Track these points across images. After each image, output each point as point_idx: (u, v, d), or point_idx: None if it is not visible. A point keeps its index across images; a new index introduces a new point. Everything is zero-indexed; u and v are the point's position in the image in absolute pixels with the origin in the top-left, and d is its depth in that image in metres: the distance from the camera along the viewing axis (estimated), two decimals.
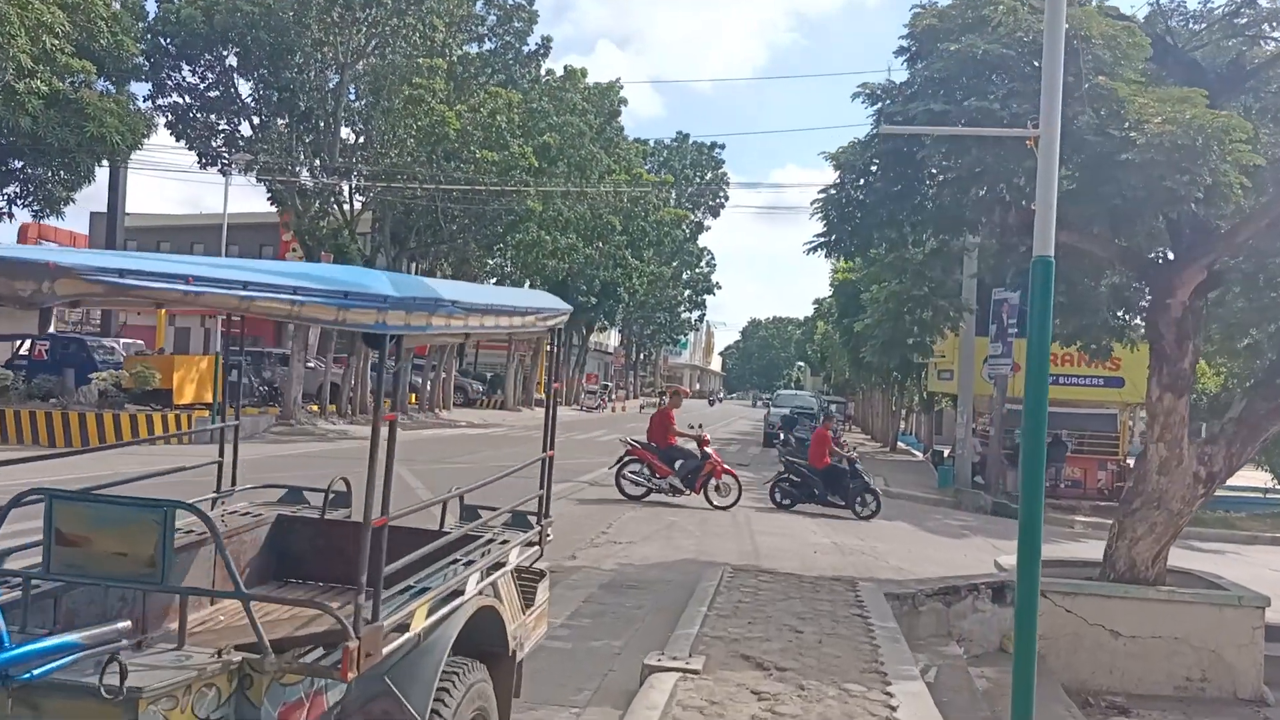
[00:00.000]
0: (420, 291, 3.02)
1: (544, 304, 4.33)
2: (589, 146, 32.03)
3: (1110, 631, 10.93)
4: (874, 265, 14.45)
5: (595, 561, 10.37)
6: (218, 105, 27.27)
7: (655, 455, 15.51)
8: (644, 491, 15.41)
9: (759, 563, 11.42)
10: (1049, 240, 5.21)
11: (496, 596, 4.11)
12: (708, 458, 15.54)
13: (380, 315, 2.76)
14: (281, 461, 19.23)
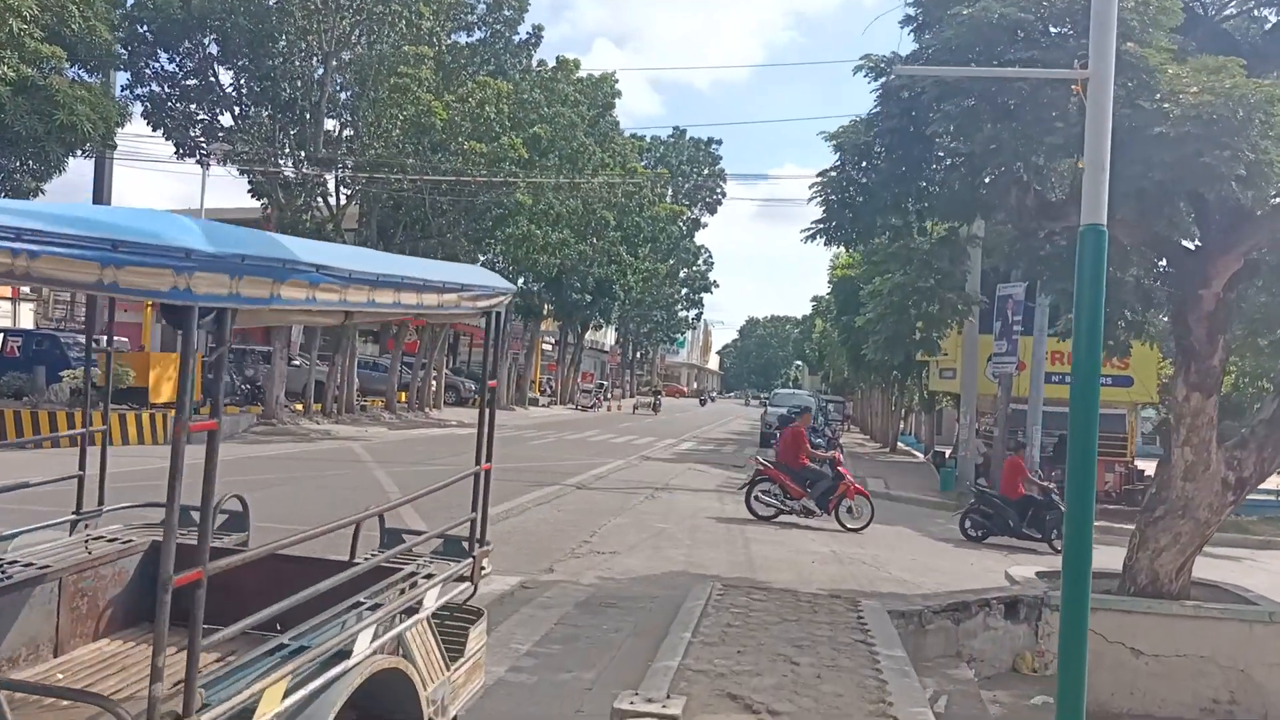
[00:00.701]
0: (259, 249, 2.20)
1: (474, 280, 3.50)
2: (581, 138, 31.16)
3: (1131, 650, 10.14)
4: (876, 256, 13.62)
5: (574, 575, 9.54)
6: (197, 94, 26.39)
7: (788, 476, 14.73)
8: (774, 512, 14.68)
9: (752, 575, 10.60)
10: (1100, 204, 4.39)
11: (404, 653, 3.27)
12: (841, 478, 14.74)
13: (181, 279, 1.94)
14: (255, 464, 18.39)
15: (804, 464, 14.99)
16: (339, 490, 14.40)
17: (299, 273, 2.27)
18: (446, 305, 3.19)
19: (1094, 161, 4.47)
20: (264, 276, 2.17)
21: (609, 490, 17.22)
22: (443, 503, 12.16)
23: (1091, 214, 4.43)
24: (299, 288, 2.28)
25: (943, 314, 11.11)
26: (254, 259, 2.13)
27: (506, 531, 11.81)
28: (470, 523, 4.16)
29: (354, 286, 2.52)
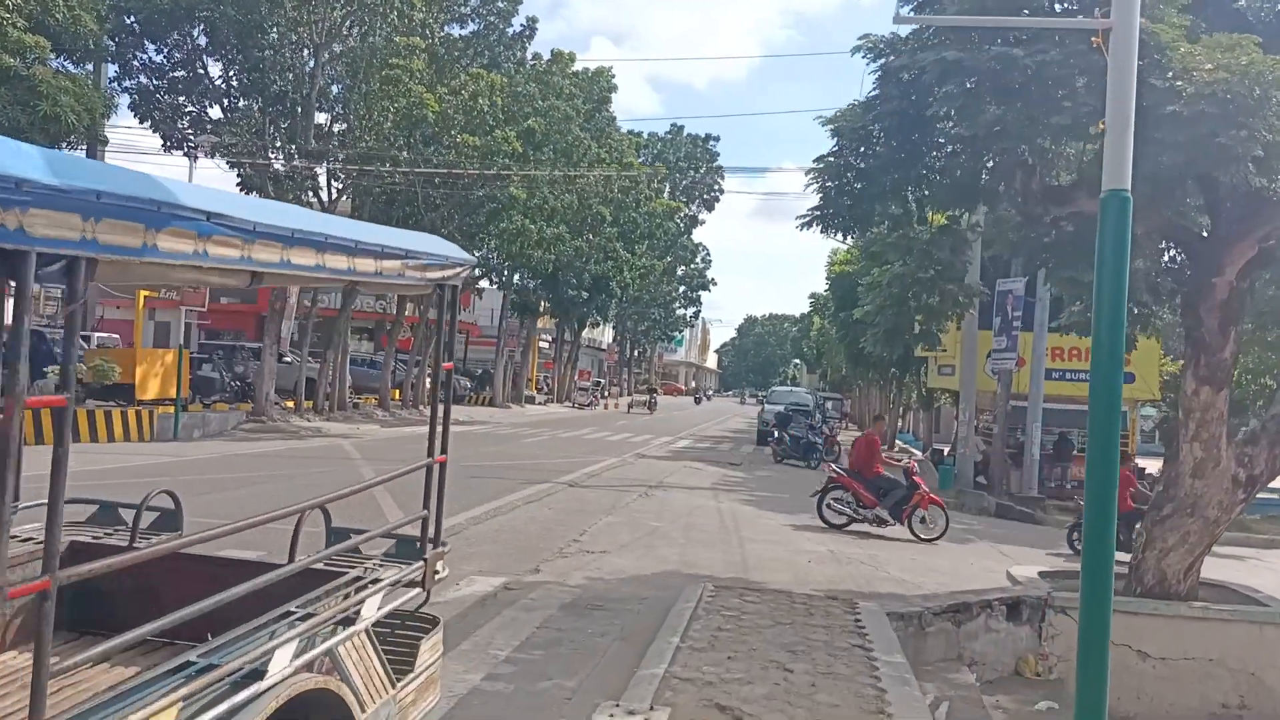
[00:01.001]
0: (126, 187, 1.82)
1: (422, 247, 3.12)
2: (576, 132, 30.76)
3: (1138, 652, 9.80)
4: (875, 247, 13.26)
5: (561, 575, 9.17)
6: (185, 86, 25.99)
7: (861, 485, 14.36)
8: (846, 521, 14.32)
9: (747, 575, 10.24)
10: (1124, 168, 4.04)
11: (337, 671, 2.89)
12: (916, 489, 14.38)
13: (10, 215, 1.56)
14: (241, 461, 18.03)
15: (878, 473, 14.62)
16: (323, 488, 13.97)
17: (182, 219, 1.90)
18: (387, 273, 2.82)
19: (1117, 121, 4.11)
20: (132, 220, 1.80)
21: (601, 488, 16.86)
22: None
23: (1114, 179, 4.08)
24: (182, 238, 1.91)
25: (943, 306, 10.75)
26: (116, 198, 1.75)
27: (493, 530, 11.45)
28: (422, 521, 3.78)
29: (261, 242, 2.15)
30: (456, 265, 3.31)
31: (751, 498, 17.85)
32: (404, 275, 2.94)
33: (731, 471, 22.92)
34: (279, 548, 8.15)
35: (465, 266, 3.40)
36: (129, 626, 3.44)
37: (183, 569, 3.21)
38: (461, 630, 6.92)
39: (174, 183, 1.99)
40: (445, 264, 3.22)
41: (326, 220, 2.71)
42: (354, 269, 2.62)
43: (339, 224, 2.69)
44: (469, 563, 9.39)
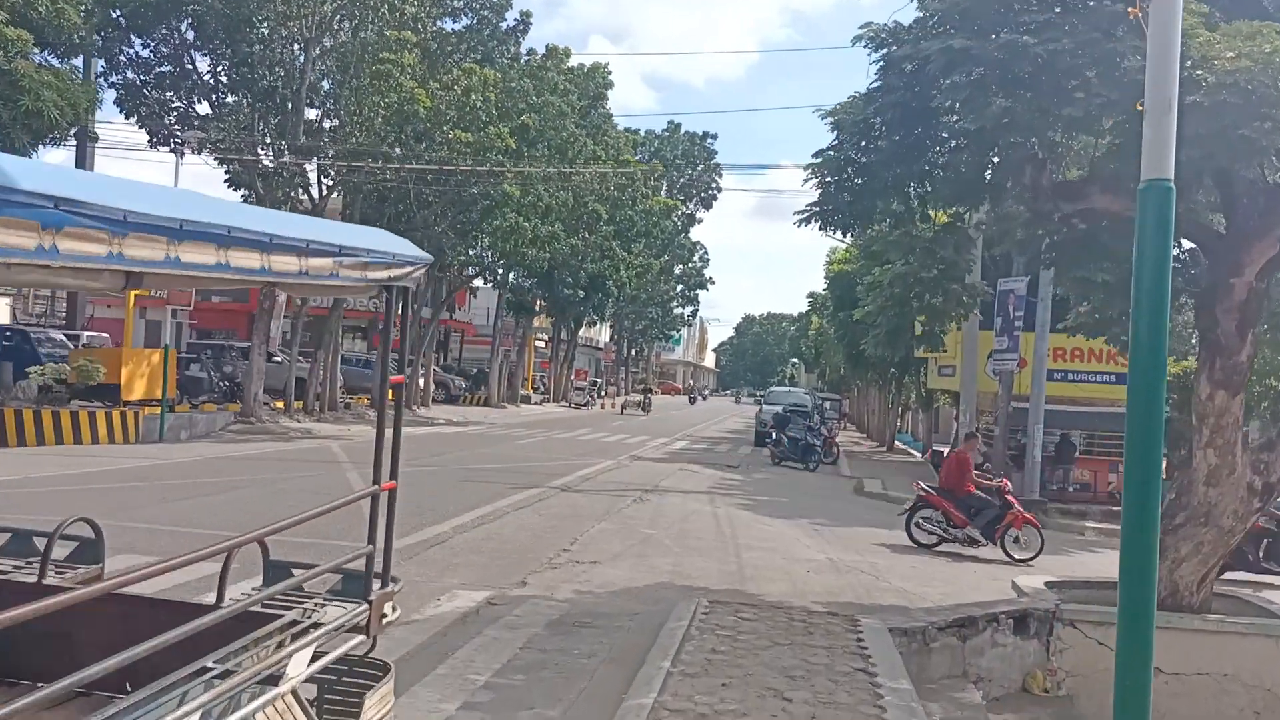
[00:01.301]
0: None
1: (361, 243, 2.71)
2: (571, 128, 30.34)
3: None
4: (875, 245, 12.88)
5: (548, 588, 8.77)
6: (172, 81, 25.56)
7: (951, 503, 13.88)
8: (936, 541, 13.85)
9: (744, 586, 9.86)
10: (1166, 154, 3.62)
11: None
12: (1009, 508, 13.86)
13: None
14: (226, 464, 17.61)
15: (969, 491, 14.08)
16: (304, 494, 13.62)
17: (18, 207, 1.50)
18: (316, 273, 2.42)
19: (1157, 103, 3.69)
20: None
21: (595, 493, 16.46)
22: (419, 506, 11.43)
23: (1155, 166, 3.66)
24: (21, 231, 1.51)
25: (946, 307, 10.39)
26: None
27: (480, 539, 11.05)
28: (366, 559, 3.38)
29: (137, 236, 1.75)
30: (407, 264, 2.91)
31: (749, 502, 17.47)
32: (338, 275, 2.54)
33: (728, 474, 22.54)
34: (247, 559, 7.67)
35: (417, 266, 3.00)
36: (33, 670, 3.04)
37: (99, 609, 2.82)
38: (439, 651, 6.53)
39: (16, 162, 1.60)
40: (392, 262, 2.82)
41: (236, 211, 2.32)
42: (269, 268, 2.22)
43: (252, 215, 2.30)
44: (452, 575, 9.00)
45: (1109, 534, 20.03)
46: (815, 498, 19.83)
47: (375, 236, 2.94)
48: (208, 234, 1.99)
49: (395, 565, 8.67)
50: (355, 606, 3.16)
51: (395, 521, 3.44)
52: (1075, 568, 14.47)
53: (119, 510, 11.50)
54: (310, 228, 2.52)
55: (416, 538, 10.73)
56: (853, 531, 15.04)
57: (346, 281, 2.62)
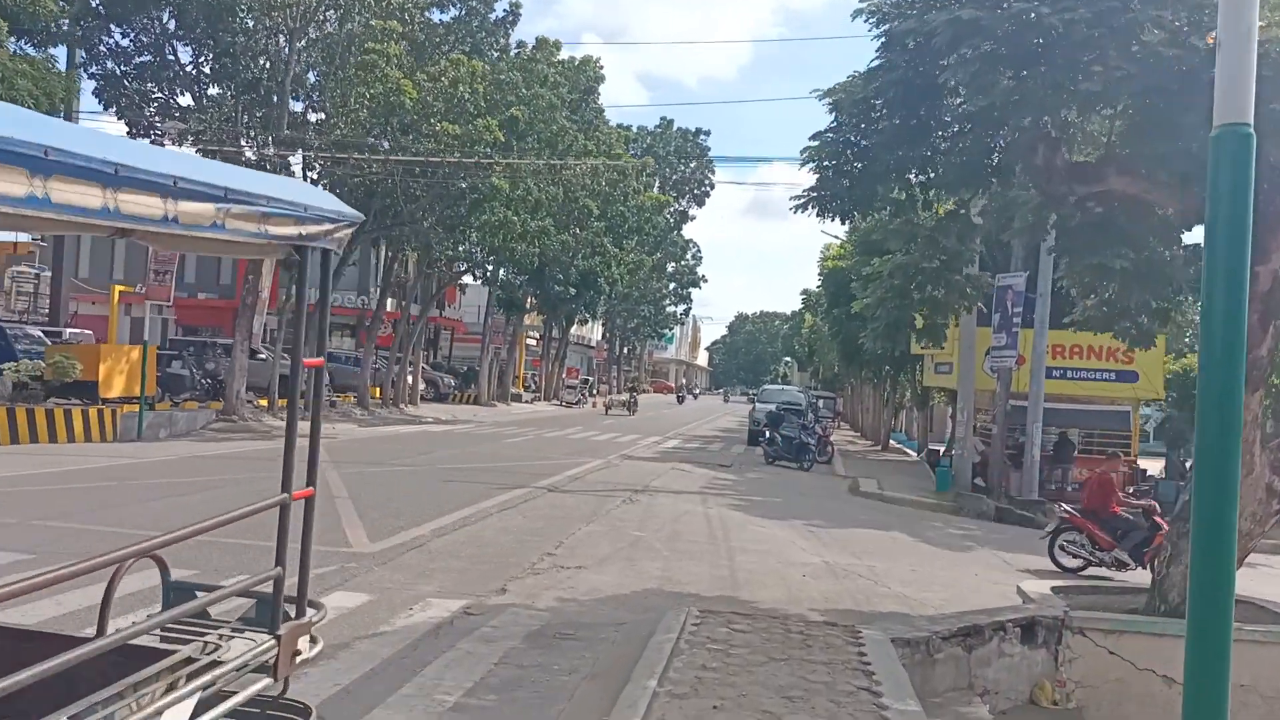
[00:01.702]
0: None
1: (262, 189, 2.18)
2: (561, 121, 29.80)
3: (1163, 678, 8.98)
4: (875, 234, 12.38)
5: (529, 596, 8.26)
6: (152, 72, 24.95)
7: (1096, 525, 13.29)
8: (1081, 564, 13.27)
9: (737, 592, 9.36)
10: (1244, 96, 3.12)
11: None
12: (1159, 529, 13.25)
13: None
14: (202, 463, 17.07)
15: (1114, 512, 13.47)
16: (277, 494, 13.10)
17: None
18: (190, 221, 1.90)
19: (1235, 31, 3.19)
20: None
21: (583, 493, 15.95)
22: (398, 508, 10.71)
23: (1231, 110, 3.17)
24: None
25: (949, 299, 9.91)
26: None
27: (460, 542, 10.53)
28: (274, 583, 2.87)
29: None
30: (325, 221, 2.40)
31: (741, 502, 16.98)
32: (223, 226, 2.02)
33: (721, 474, 22.04)
34: (214, 568, 7.10)
35: (339, 224, 2.48)
36: None
37: None
38: (408, 667, 6.02)
39: None
40: (304, 216, 2.31)
41: (67, 131, 1.80)
42: (116, 209, 1.70)
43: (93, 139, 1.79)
44: (427, 581, 8.48)
45: None
46: (810, 498, 19.36)
47: (285, 184, 2.42)
48: (16, 155, 1.47)
49: (369, 571, 8.15)
50: (261, 641, 2.63)
51: (290, 547, 2.89)
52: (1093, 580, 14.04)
53: (84, 512, 10.98)
54: (189, 164, 2.01)
55: (393, 541, 10.22)
56: (849, 533, 14.56)
57: (239, 236, 2.10)
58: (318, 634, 2.94)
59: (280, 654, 2.66)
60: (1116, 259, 7.65)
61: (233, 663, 2.45)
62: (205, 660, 2.43)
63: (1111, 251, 7.59)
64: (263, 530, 3.34)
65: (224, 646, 2.55)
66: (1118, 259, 7.65)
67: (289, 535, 2.81)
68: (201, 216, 1.95)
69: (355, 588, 8.03)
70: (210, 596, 2.71)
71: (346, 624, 6.95)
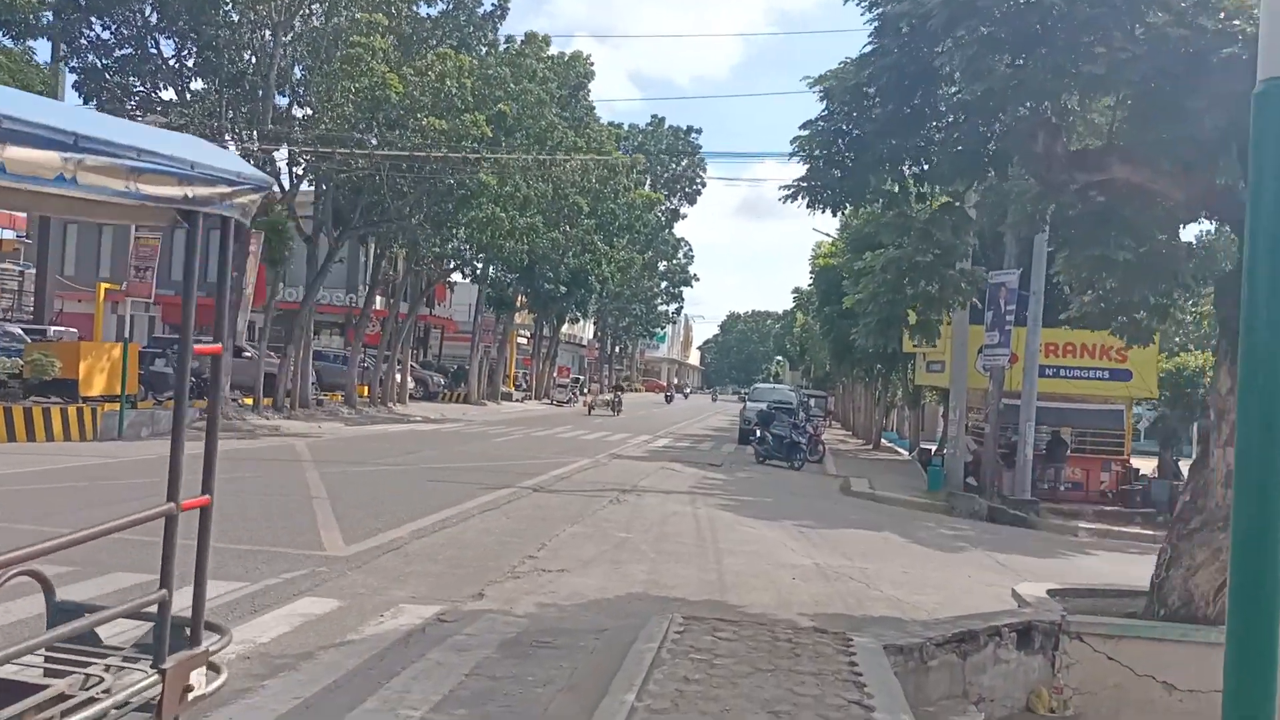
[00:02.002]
0: None
1: (135, 141, 1.86)
2: (550, 117, 29.45)
3: (1163, 684, 8.70)
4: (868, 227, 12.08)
5: (507, 602, 7.94)
6: (134, 65, 24.55)
7: None
8: None
9: (724, 596, 9.06)
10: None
11: None
12: None
13: None
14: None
15: None
16: (257, 495, 12.76)
17: None
18: (25, 172, 1.56)
19: None
20: None
21: (570, 493, 15.63)
22: (378, 509, 10.38)
23: (1277, 63, 2.90)
24: None
25: (943, 294, 9.59)
26: None
27: (439, 545, 10.19)
28: (159, 607, 2.51)
29: None
30: (220, 182, 2.07)
31: (731, 502, 16.68)
32: (74, 182, 1.70)
33: (711, 473, 21.74)
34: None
35: (239, 188, 2.16)
36: None
37: None
38: (374, 679, 5.70)
39: None
40: (191, 176, 1.98)
41: None
42: None
43: None
44: (402, 586, 8.15)
45: (1102, 535, 19.38)
46: (800, 498, 19.07)
47: (169, 138, 2.10)
48: None
49: (341, 575, 7.81)
50: (144, 675, 2.28)
51: (207, 550, 2.57)
52: (1074, 573, 13.76)
53: (46, 515, 10.60)
54: (25, 104, 1.68)
55: (369, 543, 9.88)
56: (840, 534, 14.27)
57: (99, 194, 1.78)
58: (221, 662, 2.60)
59: (165, 691, 2.30)
60: (1119, 250, 7.36)
61: (108, 701, 2.11)
62: (81, 698, 2.09)
63: (1114, 243, 7.30)
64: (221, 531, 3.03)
65: (107, 680, 2.21)
66: (1120, 250, 7.36)
67: (177, 550, 2.45)
68: (40, 166, 1.62)
69: (324, 593, 7.70)
70: (93, 618, 2.37)
71: (313, 631, 6.62)
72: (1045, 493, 22.22)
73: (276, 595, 7.48)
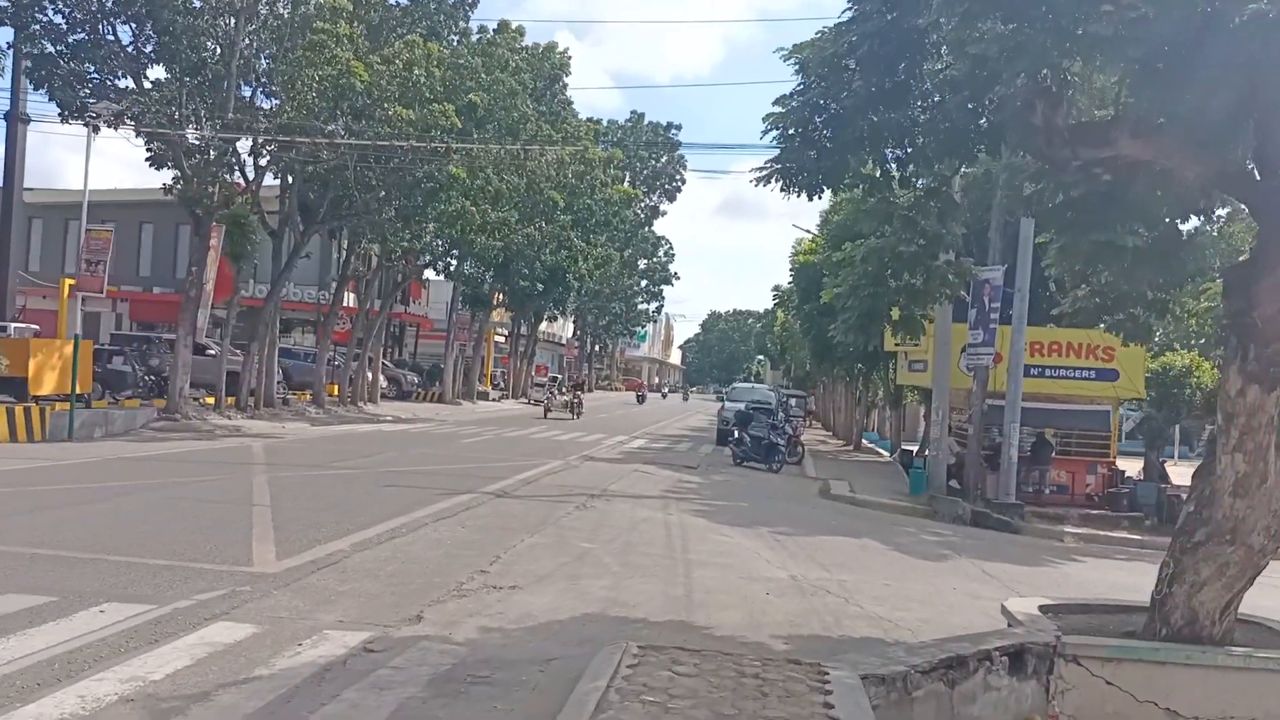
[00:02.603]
0: None
1: None
2: (522, 108, 28.61)
3: (1166, 711, 8.00)
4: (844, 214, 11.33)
5: (447, 625, 7.14)
6: (88, 51, 23.51)
7: None
8: None
9: (690, 617, 8.30)
10: None
11: None
12: None
13: None
14: (125, 467, 15.80)
15: None
16: (195, 502, 11.93)
17: None
18: None
19: None
20: None
21: (534, 499, 14.84)
22: (319, 519, 9.51)
23: None
24: None
25: (929, 287, 8.87)
26: None
27: (382, 559, 9.37)
28: None
29: None
30: None
31: (705, 507, 15.94)
32: None
33: (686, 476, 20.99)
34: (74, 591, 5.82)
35: None
36: None
37: None
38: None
39: None
40: None
41: None
42: None
43: None
44: (331, 608, 7.34)
45: (1089, 540, 18.74)
46: (778, 501, 18.37)
47: None
48: None
49: (265, 596, 6.94)
50: None
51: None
52: (1063, 582, 13.11)
53: None
54: None
55: (305, 558, 9.06)
56: (818, 541, 13.56)
57: None
58: None
59: None
60: (1128, 235, 6.64)
61: None
62: None
63: (1123, 226, 6.58)
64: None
65: None
66: (1129, 235, 6.65)
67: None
68: None
69: (241, 617, 6.89)
70: None
71: (216, 666, 5.81)
72: (1029, 496, 21.60)
73: (185, 620, 6.66)
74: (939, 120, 7.17)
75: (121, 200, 44.74)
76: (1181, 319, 13.81)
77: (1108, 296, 9.03)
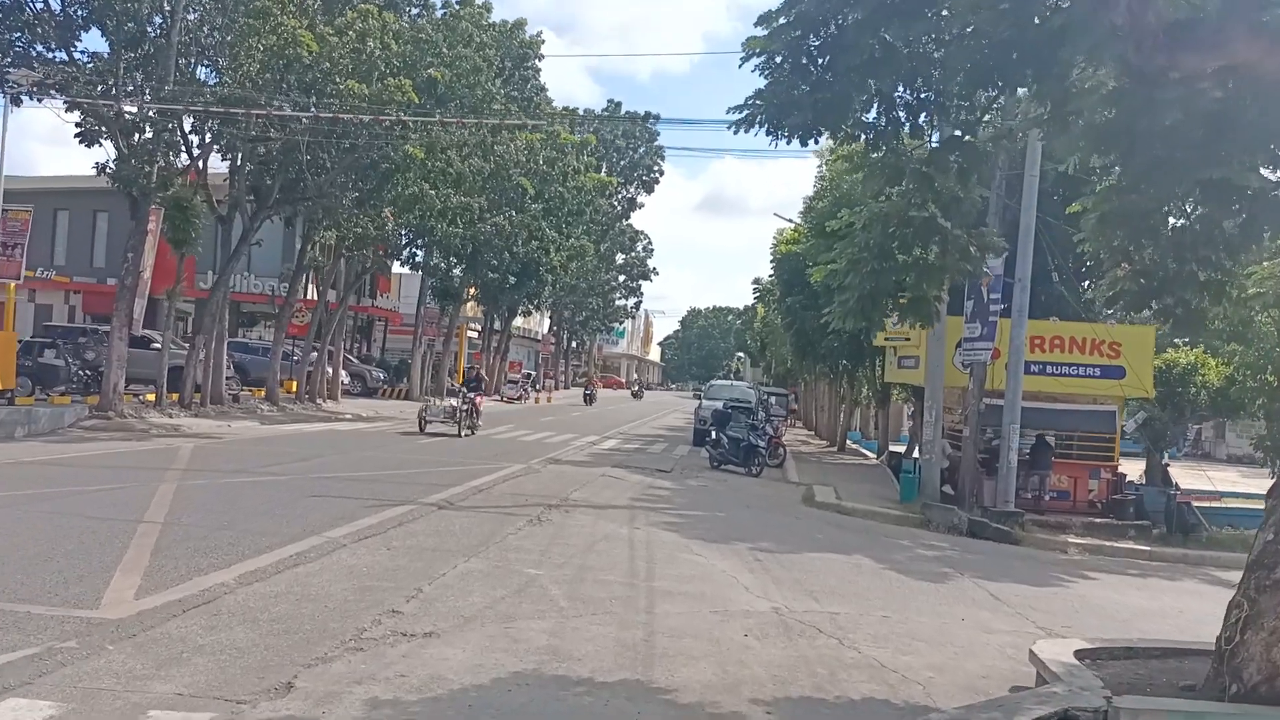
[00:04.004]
0: None
1: None
2: (486, 86, 26.80)
3: None
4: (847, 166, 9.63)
5: (321, 701, 5.38)
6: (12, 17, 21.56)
7: None
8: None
9: (649, 672, 6.61)
10: None
11: None
12: None
13: None
14: (26, 472, 13.94)
15: None
16: (78, 518, 10.14)
17: None
18: None
19: None
20: None
21: (482, 510, 13.09)
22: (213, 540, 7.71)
23: None
24: None
25: (946, 261, 7.21)
26: None
27: (270, 596, 7.57)
28: None
29: None
30: None
31: (677, 519, 14.25)
32: None
33: (658, 481, 19.29)
34: None
35: None
36: None
37: None
38: None
39: None
40: None
41: None
42: None
43: None
44: (173, 674, 5.56)
45: (1094, 552, 17.21)
46: (758, 510, 16.71)
47: None
48: None
49: (94, 654, 4.85)
50: None
51: None
52: (1079, 606, 11.52)
53: None
54: None
55: (172, 595, 7.26)
56: (804, 560, 11.91)
57: None
58: None
59: None
60: (1249, 173, 4.98)
61: None
62: None
63: (1240, 163, 4.92)
64: None
65: None
66: (1249, 174, 4.98)
67: None
68: None
69: (45, 690, 5.11)
70: None
71: None
72: (1028, 503, 20.07)
73: None
74: (970, 37, 5.48)
75: (75, 187, 42.52)
76: (1240, 304, 12.20)
77: (1154, 277, 7.42)
